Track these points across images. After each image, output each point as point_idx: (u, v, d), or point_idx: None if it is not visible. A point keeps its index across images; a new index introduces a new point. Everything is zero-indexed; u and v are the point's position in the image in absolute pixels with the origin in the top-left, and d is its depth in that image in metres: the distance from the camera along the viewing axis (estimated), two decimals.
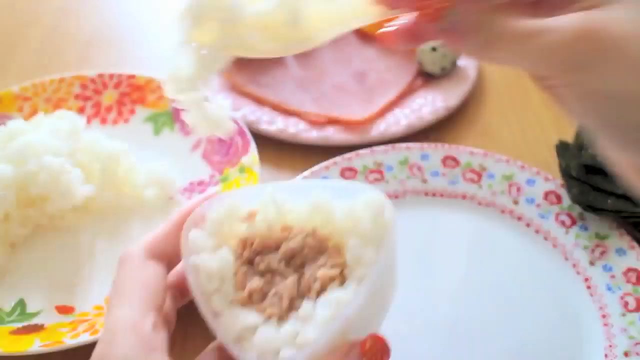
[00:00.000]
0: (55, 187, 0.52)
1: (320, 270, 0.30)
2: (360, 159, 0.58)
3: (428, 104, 0.68)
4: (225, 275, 0.31)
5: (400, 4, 0.30)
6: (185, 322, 0.37)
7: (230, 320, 0.30)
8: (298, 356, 0.28)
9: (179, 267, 0.34)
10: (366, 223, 0.31)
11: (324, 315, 0.29)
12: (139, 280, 0.31)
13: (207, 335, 0.31)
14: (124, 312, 0.29)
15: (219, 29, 0.31)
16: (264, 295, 0.31)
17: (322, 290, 0.30)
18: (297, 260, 0.32)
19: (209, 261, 0.31)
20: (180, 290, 0.34)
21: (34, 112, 0.64)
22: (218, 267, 0.31)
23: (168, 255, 0.33)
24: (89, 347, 0.47)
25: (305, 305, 0.30)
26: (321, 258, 0.31)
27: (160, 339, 0.29)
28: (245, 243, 0.32)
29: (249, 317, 0.30)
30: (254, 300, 0.31)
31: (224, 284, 0.31)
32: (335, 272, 0.30)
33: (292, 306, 0.30)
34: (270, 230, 0.33)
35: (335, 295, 0.29)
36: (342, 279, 0.30)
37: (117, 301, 0.30)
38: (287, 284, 0.31)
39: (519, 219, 0.56)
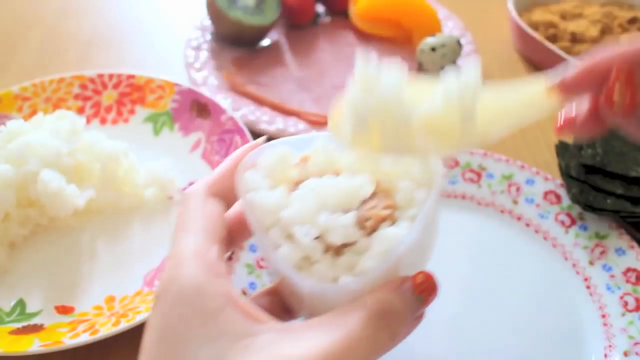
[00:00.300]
0: (53, 200, 0.52)
1: (373, 210, 0.31)
2: None
3: None
4: (282, 210, 0.32)
5: (584, 92, 0.29)
6: None
7: (289, 251, 0.31)
8: (356, 282, 0.30)
9: (230, 213, 0.35)
10: (416, 168, 0.32)
11: (379, 249, 0.30)
12: (203, 213, 0.32)
13: None
14: (189, 241, 0.30)
15: (386, 131, 0.30)
16: None
17: (374, 229, 0.31)
18: None
19: (266, 197, 0.32)
20: (231, 235, 0.36)
21: (33, 112, 0.64)
22: (275, 203, 0.32)
23: (226, 195, 0.34)
24: (89, 347, 0.48)
25: (361, 240, 0.31)
26: (371, 201, 0.32)
27: (225, 267, 0.30)
28: (298, 184, 0.33)
29: (307, 248, 0.31)
30: None
31: (281, 219, 0.32)
32: (387, 212, 0.31)
33: (346, 242, 0.31)
34: (322, 175, 0.34)
35: (390, 231, 0.30)
36: (392, 220, 0.32)
37: (182, 232, 0.31)
38: None
39: (519, 218, 0.56)
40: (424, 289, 0.31)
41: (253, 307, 0.29)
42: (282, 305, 0.35)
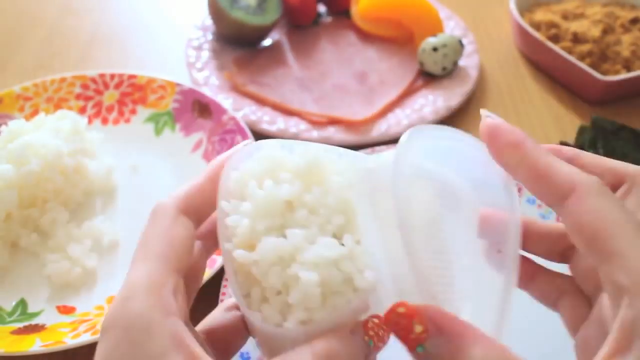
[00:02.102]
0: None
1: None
2: None
3: (429, 104, 0.68)
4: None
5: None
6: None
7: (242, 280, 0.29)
8: (301, 331, 0.28)
9: (211, 220, 0.33)
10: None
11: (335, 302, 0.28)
12: (167, 237, 0.29)
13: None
14: (146, 270, 0.28)
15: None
16: None
17: None
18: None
19: (237, 223, 0.30)
20: (214, 239, 0.33)
21: (35, 112, 0.65)
22: (246, 233, 0.30)
23: (200, 211, 0.31)
24: (90, 347, 0.48)
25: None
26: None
27: (179, 305, 0.28)
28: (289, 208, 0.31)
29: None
30: None
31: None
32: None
33: None
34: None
35: (360, 281, 0.28)
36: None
37: (142, 256, 0.29)
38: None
39: None
40: (374, 335, 0.29)
41: (199, 350, 0.27)
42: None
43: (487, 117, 0.32)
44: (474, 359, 0.25)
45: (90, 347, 0.48)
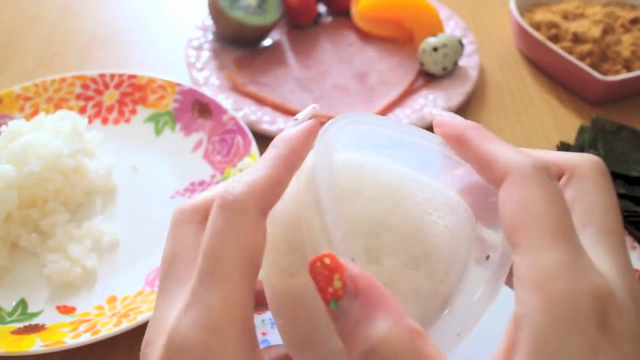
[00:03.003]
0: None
1: None
2: None
3: (429, 104, 0.68)
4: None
5: None
6: None
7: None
8: None
9: None
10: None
11: None
12: (250, 250, 0.24)
13: None
14: (227, 290, 0.24)
15: None
16: None
17: None
18: None
19: None
20: None
21: (35, 112, 0.65)
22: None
23: (271, 207, 0.26)
24: (90, 347, 0.48)
25: None
26: None
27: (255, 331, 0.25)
28: None
29: None
30: None
31: None
32: None
33: None
34: None
35: None
36: None
37: (220, 270, 0.24)
38: None
39: None
40: None
41: None
42: None
43: (435, 115, 0.32)
44: (376, 331, 0.22)
45: (90, 347, 0.48)
